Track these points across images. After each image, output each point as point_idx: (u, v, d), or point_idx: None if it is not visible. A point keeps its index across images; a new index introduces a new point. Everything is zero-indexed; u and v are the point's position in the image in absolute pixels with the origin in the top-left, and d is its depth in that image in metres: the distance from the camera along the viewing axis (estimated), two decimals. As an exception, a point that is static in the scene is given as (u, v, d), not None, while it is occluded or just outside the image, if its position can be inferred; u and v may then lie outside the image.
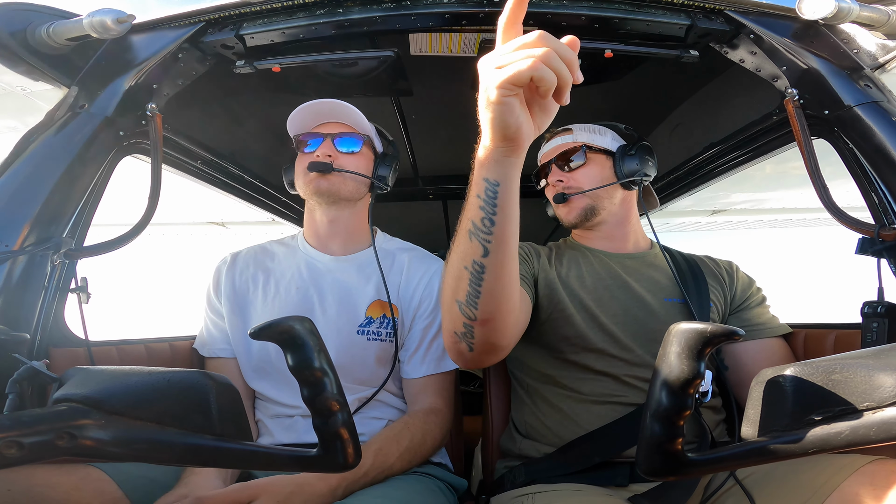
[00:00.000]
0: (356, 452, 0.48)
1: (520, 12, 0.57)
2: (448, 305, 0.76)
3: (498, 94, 0.56)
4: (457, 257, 0.71)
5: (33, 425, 0.40)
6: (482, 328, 0.74)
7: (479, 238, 0.67)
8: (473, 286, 0.70)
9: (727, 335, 0.43)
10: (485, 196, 0.65)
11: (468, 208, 0.68)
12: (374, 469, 0.93)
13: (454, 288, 0.73)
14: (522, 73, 0.53)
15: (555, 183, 1.19)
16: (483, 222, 0.66)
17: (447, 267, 0.75)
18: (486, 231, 0.66)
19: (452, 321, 0.76)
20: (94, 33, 0.90)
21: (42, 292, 0.91)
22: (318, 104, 1.13)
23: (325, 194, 1.15)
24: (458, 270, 0.71)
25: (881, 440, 0.42)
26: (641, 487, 0.95)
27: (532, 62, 0.53)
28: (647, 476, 0.47)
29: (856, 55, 0.94)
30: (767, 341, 1.10)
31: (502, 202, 0.65)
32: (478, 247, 0.67)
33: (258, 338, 0.46)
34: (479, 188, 0.65)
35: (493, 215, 0.65)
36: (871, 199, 0.95)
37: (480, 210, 0.66)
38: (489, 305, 0.71)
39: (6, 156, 0.90)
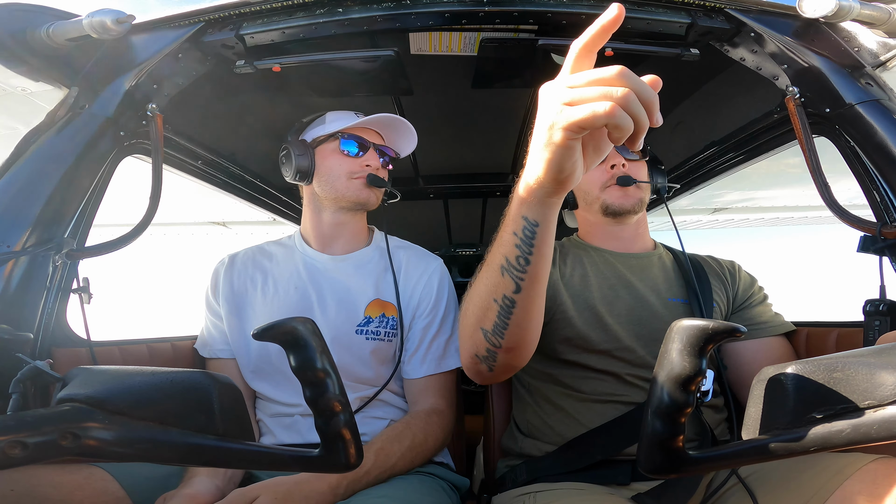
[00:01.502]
0: (358, 453, 0.48)
1: (601, 40, 0.50)
2: (471, 331, 0.75)
3: (563, 137, 0.51)
4: (485, 289, 0.70)
5: (37, 425, 0.40)
6: (506, 355, 0.74)
7: (511, 275, 0.65)
8: (502, 318, 0.69)
9: (729, 332, 0.43)
10: (522, 235, 0.63)
11: (502, 243, 0.66)
12: (375, 468, 0.94)
13: (479, 317, 0.72)
14: (598, 117, 0.47)
15: (618, 165, 1.12)
16: (518, 260, 0.64)
17: (472, 295, 0.74)
18: (520, 269, 0.65)
19: (475, 345, 0.75)
20: (93, 34, 0.90)
21: (44, 292, 0.91)
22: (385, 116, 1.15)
23: (365, 206, 1.17)
24: (485, 301, 0.70)
25: (883, 438, 0.42)
26: (643, 486, 0.96)
27: (611, 107, 0.47)
28: (648, 474, 0.48)
29: (857, 53, 0.94)
30: (768, 340, 1.10)
31: (539, 242, 0.63)
32: (510, 283, 0.66)
33: (261, 338, 0.46)
34: (517, 226, 0.63)
35: (529, 255, 0.64)
36: (873, 196, 0.95)
37: (516, 248, 0.64)
38: (515, 336, 0.71)
39: (7, 156, 0.90)
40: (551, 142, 0.53)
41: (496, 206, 2.36)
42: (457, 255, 2.81)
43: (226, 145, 1.52)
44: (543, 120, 0.53)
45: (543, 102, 0.54)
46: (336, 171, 1.14)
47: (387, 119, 1.16)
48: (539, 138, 0.54)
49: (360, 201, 1.15)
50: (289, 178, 1.18)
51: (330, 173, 1.14)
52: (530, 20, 1.01)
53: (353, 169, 1.14)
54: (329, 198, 1.16)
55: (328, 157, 1.15)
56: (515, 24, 1.04)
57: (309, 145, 1.17)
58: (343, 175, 1.14)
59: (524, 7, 0.98)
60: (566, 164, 0.54)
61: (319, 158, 1.16)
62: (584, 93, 0.49)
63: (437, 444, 1.08)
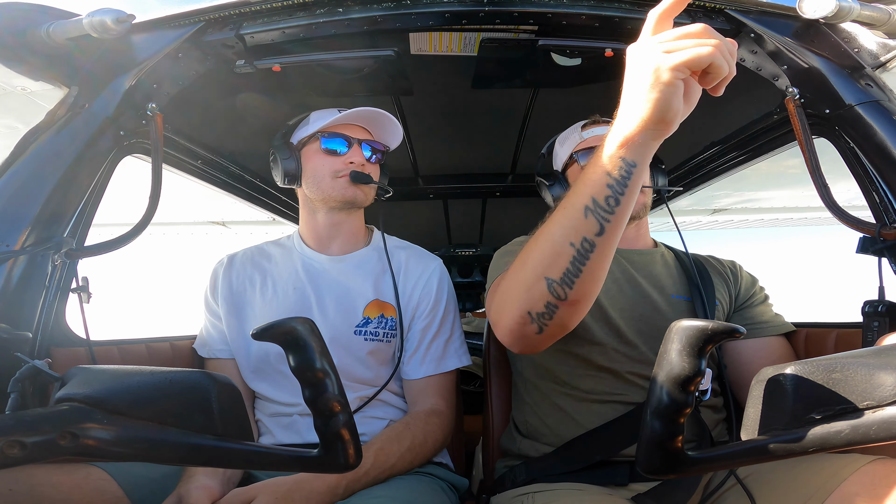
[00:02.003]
0: (357, 453, 0.48)
1: (679, 7, 0.60)
2: (528, 284, 0.71)
3: (671, 76, 0.58)
4: (560, 233, 0.68)
5: (36, 425, 0.40)
6: (568, 309, 0.71)
7: (597, 215, 0.66)
8: (575, 264, 0.67)
9: (728, 333, 0.43)
10: (618, 175, 0.64)
11: (590, 184, 0.66)
12: (375, 469, 0.93)
13: (546, 265, 0.69)
14: (703, 57, 0.56)
15: None
16: (607, 201, 0.65)
17: (537, 244, 0.72)
18: (608, 210, 0.65)
19: (531, 301, 0.71)
20: (94, 33, 0.90)
21: (43, 292, 0.91)
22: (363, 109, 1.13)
23: (354, 204, 1.15)
24: (558, 247, 0.68)
25: (881, 439, 0.42)
26: (642, 487, 0.96)
27: (712, 49, 0.56)
28: (647, 474, 0.48)
29: (857, 54, 0.94)
30: (768, 339, 1.10)
31: (633, 183, 0.65)
32: (593, 224, 0.66)
33: (260, 338, 0.46)
34: (613, 166, 0.64)
35: (621, 195, 0.65)
36: (872, 198, 0.95)
37: (608, 188, 0.65)
38: (585, 286, 0.69)
39: (7, 156, 0.90)
40: (659, 82, 0.59)
41: (496, 206, 2.36)
42: (456, 255, 2.81)
43: (226, 145, 1.52)
44: (646, 64, 0.60)
45: (640, 53, 0.61)
46: (320, 172, 1.13)
47: (366, 113, 1.14)
48: (642, 82, 0.60)
49: (347, 199, 1.13)
50: (279, 182, 1.18)
51: (315, 174, 1.13)
52: (530, 20, 1.01)
53: (337, 167, 1.12)
54: (318, 199, 1.15)
55: (312, 157, 1.14)
56: (515, 25, 1.04)
57: (295, 148, 1.16)
58: (327, 175, 1.12)
59: (524, 7, 0.98)
60: (674, 102, 0.60)
61: (305, 160, 1.15)
62: (684, 42, 0.58)
63: (437, 445, 1.08)
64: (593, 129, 1.19)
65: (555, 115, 1.31)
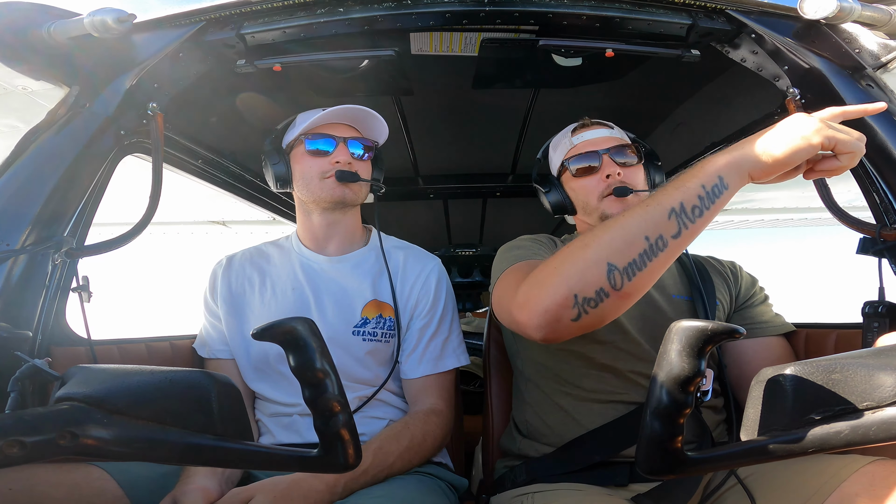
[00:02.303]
0: (356, 453, 0.48)
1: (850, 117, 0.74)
2: (587, 265, 0.71)
3: (820, 140, 0.68)
4: (638, 224, 0.70)
5: (35, 425, 0.40)
6: (615, 301, 0.71)
7: (679, 219, 0.69)
8: (643, 258, 0.70)
9: (728, 333, 0.43)
10: (710, 189, 0.70)
11: (684, 189, 0.70)
12: (374, 468, 0.93)
13: (615, 250, 0.70)
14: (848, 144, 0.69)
15: (613, 175, 1.10)
16: (693, 209, 0.70)
17: (607, 231, 0.72)
18: (690, 218, 0.70)
19: (583, 282, 0.71)
20: (95, 33, 0.90)
21: (43, 291, 0.91)
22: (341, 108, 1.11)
23: (344, 203, 1.14)
24: (633, 237, 0.70)
25: (881, 440, 0.42)
26: (641, 487, 0.95)
27: (862, 148, 0.70)
28: (647, 475, 0.47)
29: (857, 55, 0.94)
30: (769, 340, 1.10)
31: (720, 202, 0.70)
32: (673, 226, 0.70)
33: (261, 338, 0.46)
34: (709, 180, 0.70)
35: (706, 209, 0.70)
36: (873, 198, 0.95)
37: (697, 198, 0.70)
38: (642, 280, 0.71)
39: (7, 155, 0.90)
40: (806, 137, 0.68)
41: (496, 206, 2.36)
42: (456, 255, 2.81)
43: (226, 145, 1.52)
44: (810, 123, 0.69)
45: (807, 116, 0.71)
46: (308, 174, 1.12)
47: (347, 111, 1.12)
48: (795, 130, 0.69)
49: (336, 199, 1.12)
50: (272, 187, 1.17)
51: (304, 176, 1.12)
52: (531, 21, 1.01)
53: (324, 168, 1.11)
54: (309, 200, 1.15)
55: (300, 160, 1.13)
56: (516, 25, 1.04)
57: (283, 152, 1.15)
58: (315, 176, 1.11)
59: (525, 7, 0.98)
60: (800, 156, 0.68)
61: (294, 163, 1.14)
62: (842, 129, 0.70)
63: (436, 444, 1.08)
64: (582, 133, 1.17)
65: (555, 115, 1.31)
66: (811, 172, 0.73)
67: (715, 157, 0.71)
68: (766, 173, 0.70)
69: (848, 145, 0.68)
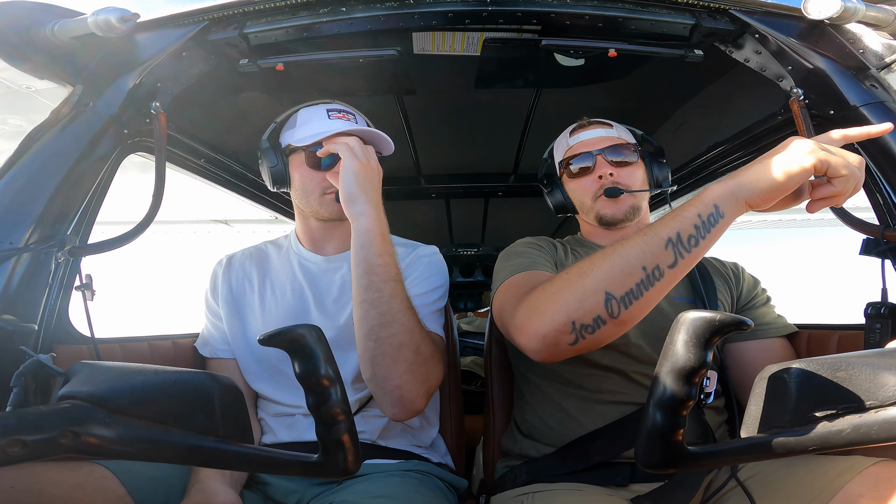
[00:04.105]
0: (356, 459, 0.49)
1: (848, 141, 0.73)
2: (585, 294, 0.73)
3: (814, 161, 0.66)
4: (636, 255, 0.72)
5: (38, 424, 0.40)
6: (612, 328, 0.74)
7: (676, 249, 0.71)
8: (640, 287, 0.71)
9: (736, 324, 0.43)
10: (706, 218, 0.71)
11: (680, 219, 0.71)
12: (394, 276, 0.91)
13: (612, 281, 0.72)
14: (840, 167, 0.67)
15: (606, 175, 1.12)
16: (689, 239, 0.71)
17: (606, 259, 0.74)
18: (686, 248, 0.71)
19: (581, 311, 0.73)
20: (98, 32, 0.90)
21: (46, 289, 0.92)
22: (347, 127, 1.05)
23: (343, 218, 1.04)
24: (630, 267, 0.72)
25: (883, 440, 0.42)
26: (642, 488, 0.95)
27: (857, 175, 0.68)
28: (646, 468, 0.47)
29: (861, 55, 0.94)
30: (771, 341, 1.09)
31: (715, 232, 0.71)
32: (670, 256, 0.71)
33: (268, 345, 0.46)
34: (705, 209, 0.71)
35: (702, 238, 0.71)
36: (876, 199, 0.95)
37: (694, 227, 0.71)
38: (638, 309, 0.73)
39: (11, 154, 0.90)
40: (798, 161, 0.67)
41: (498, 206, 2.36)
42: (458, 254, 2.81)
43: (229, 143, 1.53)
44: (801, 146, 0.68)
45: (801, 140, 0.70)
46: (308, 187, 1.08)
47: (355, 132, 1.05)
48: (787, 154, 0.68)
49: (336, 216, 1.08)
50: (269, 186, 1.13)
51: (304, 188, 1.08)
52: (533, 20, 1.01)
53: (325, 184, 1.07)
54: (307, 211, 1.12)
55: (299, 168, 1.09)
56: (519, 25, 1.04)
57: (282, 152, 1.10)
58: (315, 191, 1.08)
59: (527, 7, 0.98)
60: (794, 181, 0.68)
61: (292, 169, 1.10)
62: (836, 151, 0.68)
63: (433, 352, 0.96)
64: (579, 134, 1.19)
65: (557, 115, 1.31)
66: (813, 204, 0.73)
67: (712, 187, 0.72)
68: (763, 200, 0.70)
69: (840, 168, 0.67)
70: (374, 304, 0.89)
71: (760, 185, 0.69)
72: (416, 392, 0.92)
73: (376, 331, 0.89)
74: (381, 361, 0.90)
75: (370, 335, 0.89)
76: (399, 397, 0.92)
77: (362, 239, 0.92)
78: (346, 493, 0.94)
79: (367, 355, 0.90)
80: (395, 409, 0.94)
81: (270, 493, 1.02)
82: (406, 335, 0.90)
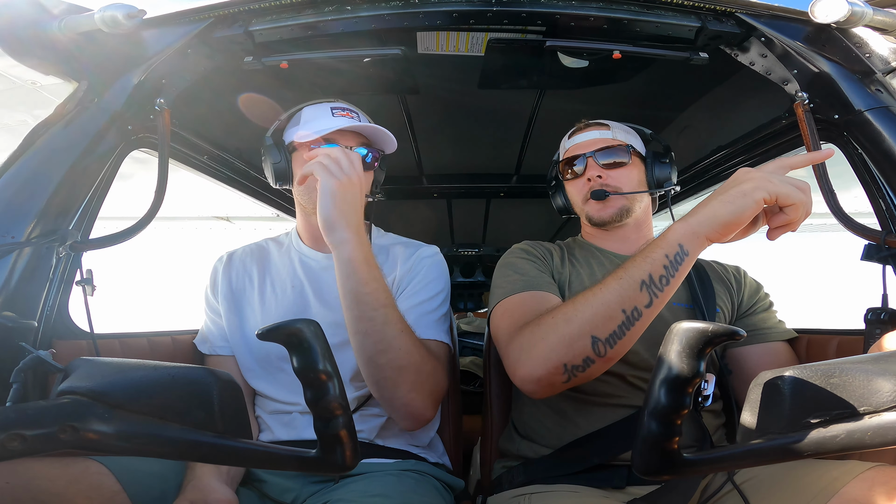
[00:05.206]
0: (354, 455, 0.49)
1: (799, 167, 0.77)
2: (573, 339, 0.79)
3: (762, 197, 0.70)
4: (615, 299, 0.77)
5: (37, 418, 0.40)
6: (602, 364, 0.80)
7: (650, 290, 0.76)
8: (622, 328, 0.77)
9: (728, 335, 0.43)
10: (673, 258, 0.75)
11: (650, 262, 0.76)
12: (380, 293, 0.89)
13: (596, 325, 0.78)
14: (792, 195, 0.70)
15: (593, 178, 1.13)
16: (661, 279, 0.76)
17: (588, 305, 0.79)
18: (659, 287, 0.76)
19: (571, 354, 0.79)
20: (105, 28, 0.90)
21: (47, 284, 0.92)
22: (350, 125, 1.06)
23: None
24: (610, 311, 0.77)
25: (877, 445, 0.42)
26: (639, 490, 0.95)
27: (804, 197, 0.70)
28: (642, 475, 0.47)
29: (868, 59, 0.93)
30: (771, 345, 1.09)
31: (682, 269, 0.76)
32: (645, 297, 0.76)
33: (266, 339, 0.46)
34: (671, 250, 0.75)
35: (671, 277, 0.76)
36: (879, 205, 0.94)
37: (663, 268, 0.75)
38: (624, 346, 0.78)
39: (16, 148, 0.91)
40: (748, 196, 0.70)
41: (500, 206, 2.35)
42: (459, 255, 2.80)
43: (231, 141, 1.53)
44: (749, 181, 0.72)
45: (750, 172, 0.73)
46: (310, 183, 1.03)
47: (358, 128, 1.08)
48: (735, 190, 0.72)
49: None
50: (271, 183, 1.13)
51: (307, 184, 1.05)
52: (538, 21, 1.01)
53: None
54: (310, 206, 1.11)
55: (302, 164, 1.05)
56: (523, 25, 1.03)
57: (286, 149, 1.11)
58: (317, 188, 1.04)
59: (532, 8, 0.98)
60: (746, 215, 0.71)
61: (295, 165, 1.10)
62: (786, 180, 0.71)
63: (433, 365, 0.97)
64: (575, 137, 1.20)
65: (561, 117, 1.31)
66: (772, 232, 0.76)
67: (675, 226, 0.76)
68: (722, 235, 0.74)
69: (789, 198, 0.70)
70: (368, 333, 0.90)
71: (718, 221, 0.73)
72: (424, 405, 0.95)
73: (375, 358, 0.90)
74: (384, 384, 0.92)
75: (370, 363, 0.91)
76: (407, 413, 0.95)
77: (346, 269, 0.90)
78: (342, 492, 0.94)
79: (371, 379, 0.93)
80: (405, 423, 0.98)
81: (267, 490, 1.02)
82: (405, 358, 0.91)
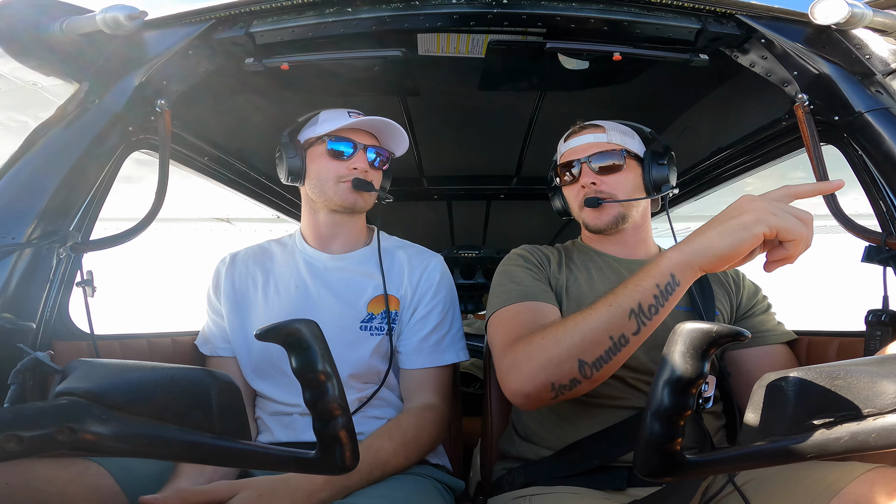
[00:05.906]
0: (354, 456, 0.48)
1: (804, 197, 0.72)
2: (561, 361, 0.80)
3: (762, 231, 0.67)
4: (603, 326, 0.77)
5: (34, 419, 0.40)
6: (588, 385, 0.81)
7: (638, 319, 0.75)
8: (609, 353, 0.77)
9: (733, 336, 0.43)
10: (664, 289, 0.74)
11: (640, 291, 0.75)
12: (366, 465, 0.92)
13: (584, 350, 0.78)
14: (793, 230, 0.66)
15: (587, 185, 1.12)
16: (650, 308, 0.75)
17: (577, 329, 0.80)
18: (648, 317, 0.75)
19: (559, 375, 0.80)
20: (106, 29, 0.91)
21: (47, 285, 0.92)
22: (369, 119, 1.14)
23: (354, 210, 1.15)
24: (598, 336, 0.77)
25: (880, 447, 0.41)
26: (639, 492, 0.95)
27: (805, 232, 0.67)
28: (644, 476, 0.47)
29: (868, 61, 0.93)
30: (771, 347, 1.09)
31: (672, 299, 0.75)
32: (633, 325, 0.75)
33: (264, 339, 0.46)
34: (662, 280, 0.74)
35: (661, 306, 0.75)
36: (879, 206, 0.94)
37: (653, 297, 0.74)
38: (610, 369, 0.79)
39: (17, 149, 0.91)
40: (748, 229, 0.67)
41: (500, 208, 2.35)
42: (459, 256, 2.80)
43: (232, 142, 1.53)
44: (751, 211, 0.68)
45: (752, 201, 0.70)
46: (324, 175, 1.13)
47: (377, 122, 1.14)
48: (735, 220, 0.69)
49: (348, 205, 1.14)
50: (283, 179, 1.18)
51: (319, 176, 1.13)
52: (539, 23, 1.01)
53: (341, 172, 1.12)
54: (319, 200, 1.16)
55: (317, 159, 1.14)
56: (524, 27, 1.04)
57: (301, 147, 1.16)
58: (331, 179, 1.12)
59: (533, 10, 0.98)
60: (743, 248, 0.68)
61: (309, 161, 1.15)
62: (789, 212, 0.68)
63: (431, 440, 1.07)
64: (570, 141, 1.19)
65: (561, 118, 1.31)
66: (769, 265, 0.72)
67: (668, 254, 0.74)
68: (716, 267, 0.72)
69: (791, 233, 0.67)
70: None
71: (713, 253, 0.70)
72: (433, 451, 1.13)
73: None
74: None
75: None
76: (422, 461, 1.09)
77: None
78: (342, 493, 0.94)
79: None
80: None
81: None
82: (405, 466, 1.01)
